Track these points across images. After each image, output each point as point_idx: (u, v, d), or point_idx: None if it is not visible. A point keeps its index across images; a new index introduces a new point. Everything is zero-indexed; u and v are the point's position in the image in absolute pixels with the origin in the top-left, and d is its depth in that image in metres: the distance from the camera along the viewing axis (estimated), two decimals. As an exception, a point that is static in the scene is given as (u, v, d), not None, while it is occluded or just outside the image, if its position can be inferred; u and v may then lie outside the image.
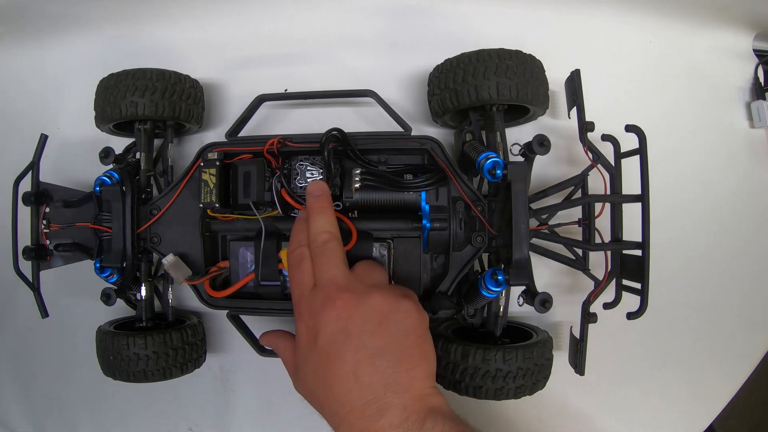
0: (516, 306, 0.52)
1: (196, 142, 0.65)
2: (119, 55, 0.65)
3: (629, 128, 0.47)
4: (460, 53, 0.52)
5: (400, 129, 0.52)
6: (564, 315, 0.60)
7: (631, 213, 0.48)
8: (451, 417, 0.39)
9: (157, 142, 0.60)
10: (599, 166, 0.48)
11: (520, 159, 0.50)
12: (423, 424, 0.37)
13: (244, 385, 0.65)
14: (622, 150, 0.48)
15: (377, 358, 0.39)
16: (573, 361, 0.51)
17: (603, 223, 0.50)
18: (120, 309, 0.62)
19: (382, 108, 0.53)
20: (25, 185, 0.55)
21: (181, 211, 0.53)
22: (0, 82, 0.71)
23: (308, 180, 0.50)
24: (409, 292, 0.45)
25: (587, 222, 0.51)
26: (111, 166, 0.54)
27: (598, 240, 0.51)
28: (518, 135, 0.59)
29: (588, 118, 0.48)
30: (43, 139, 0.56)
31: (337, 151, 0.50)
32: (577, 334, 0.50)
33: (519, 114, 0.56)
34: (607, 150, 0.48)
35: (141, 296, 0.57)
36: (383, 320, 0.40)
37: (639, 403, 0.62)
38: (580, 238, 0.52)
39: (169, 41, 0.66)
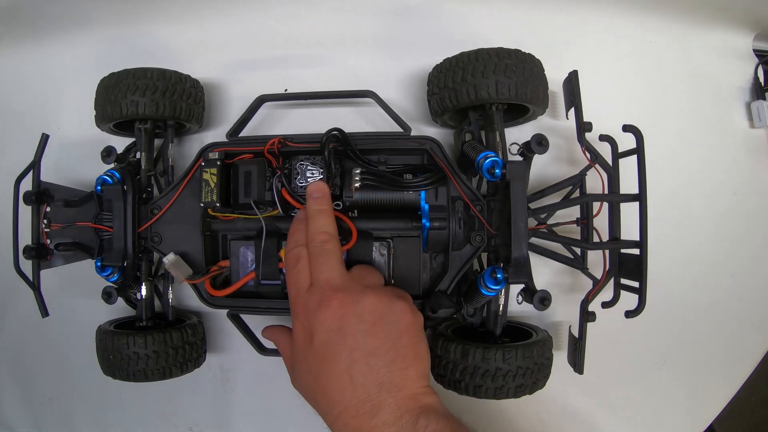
0: (516, 305, 0.53)
1: (197, 142, 0.65)
2: (119, 55, 0.65)
3: (627, 128, 0.47)
4: (459, 53, 0.52)
5: (399, 129, 0.52)
6: (563, 314, 0.60)
7: (630, 212, 0.48)
8: (445, 415, 0.39)
9: (157, 141, 0.60)
10: (597, 165, 0.49)
11: (519, 158, 0.50)
12: (416, 422, 0.38)
13: (244, 385, 0.65)
14: (620, 150, 0.48)
15: (371, 357, 0.39)
16: (572, 360, 0.51)
17: (601, 223, 0.51)
18: (120, 308, 0.62)
19: (382, 108, 0.53)
20: (26, 185, 0.55)
21: (181, 210, 0.54)
22: (0, 82, 0.71)
23: (309, 180, 0.51)
24: (404, 293, 0.46)
25: (585, 221, 0.51)
26: (112, 166, 0.54)
27: (596, 239, 0.52)
28: (518, 135, 0.59)
29: (587, 118, 0.48)
30: (44, 138, 0.56)
31: (338, 151, 0.50)
32: (575, 333, 0.50)
33: (518, 113, 0.56)
34: (605, 150, 0.49)
35: (141, 295, 0.57)
36: (377, 320, 0.40)
37: (639, 403, 0.62)
38: (579, 238, 0.52)
39: (170, 41, 0.66)
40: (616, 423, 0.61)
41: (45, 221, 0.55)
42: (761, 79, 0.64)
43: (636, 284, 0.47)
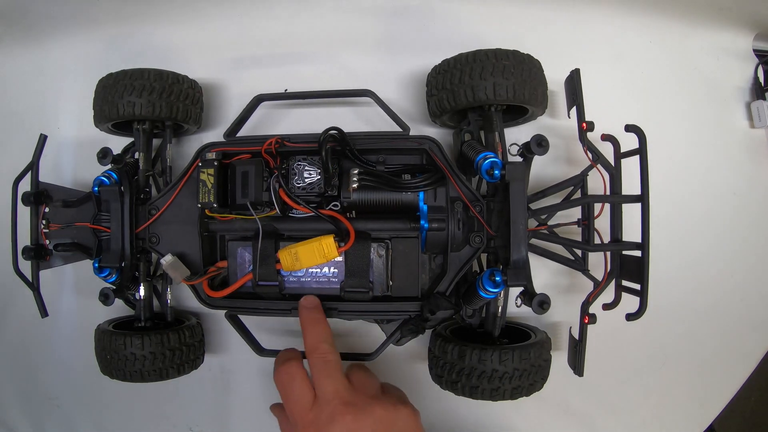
0: (515, 305, 0.52)
1: (195, 142, 0.65)
2: (118, 55, 0.65)
3: (629, 128, 0.46)
4: (458, 53, 0.52)
5: (398, 129, 0.52)
6: (563, 315, 0.60)
7: (631, 213, 0.48)
8: None
9: (156, 141, 0.60)
10: (599, 166, 0.48)
11: (519, 159, 0.50)
12: None
13: (244, 385, 0.65)
14: (622, 150, 0.48)
15: None
16: (572, 362, 0.51)
17: (602, 224, 0.50)
18: (121, 308, 0.62)
19: (381, 108, 0.53)
20: (25, 185, 0.55)
21: (179, 211, 0.53)
22: (0, 82, 0.71)
23: (306, 180, 0.50)
24: (402, 394, 0.47)
25: (586, 222, 0.51)
26: (109, 167, 0.54)
27: (597, 240, 0.51)
28: (517, 135, 0.59)
29: (587, 118, 0.48)
30: (43, 139, 0.56)
31: (336, 150, 0.50)
32: (576, 335, 0.50)
33: (518, 114, 0.56)
34: (606, 150, 0.48)
35: (139, 296, 0.57)
36: (389, 429, 0.42)
37: (639, 403, 0.61)
38: (580, 239, 0.52)
39: (168, 41, 0.66)
40: (616, 423, 0.61)
41: (44, 222, 0.55)
42: (761, 79, 0.64)
43: (637, 286, 0.46)
